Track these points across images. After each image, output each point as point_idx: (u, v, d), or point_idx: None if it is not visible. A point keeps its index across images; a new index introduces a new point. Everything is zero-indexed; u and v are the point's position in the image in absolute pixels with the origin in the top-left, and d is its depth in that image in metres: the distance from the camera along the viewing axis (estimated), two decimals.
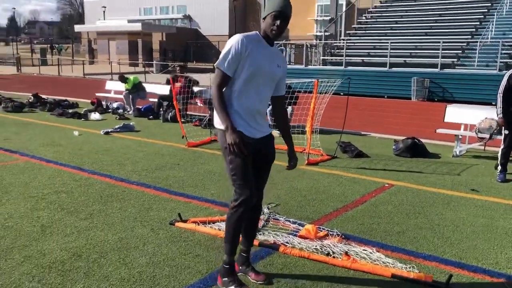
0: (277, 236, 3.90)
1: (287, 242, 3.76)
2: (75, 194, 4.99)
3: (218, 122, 2.90)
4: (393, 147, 7.61)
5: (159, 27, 46.07)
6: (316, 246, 3.71)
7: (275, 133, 9.18)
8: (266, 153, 3.07)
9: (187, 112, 10.56)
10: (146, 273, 3.21)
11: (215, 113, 2.89)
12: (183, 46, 45.88)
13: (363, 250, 3.66)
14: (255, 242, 3.67)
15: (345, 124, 7.65)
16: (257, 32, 2.96)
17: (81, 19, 75.61)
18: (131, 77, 12.42)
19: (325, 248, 3.67)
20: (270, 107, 9.58)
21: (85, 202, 4.71)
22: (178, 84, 10.65)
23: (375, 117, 12.51)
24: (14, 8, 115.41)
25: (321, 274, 3.29)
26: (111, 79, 20.75)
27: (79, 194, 4.99)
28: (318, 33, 47.06)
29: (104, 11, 57.45)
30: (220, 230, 3.99)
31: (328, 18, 41.19)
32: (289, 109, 9.50)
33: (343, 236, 3.92)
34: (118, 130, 9.01)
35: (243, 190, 2.87)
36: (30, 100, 12.45)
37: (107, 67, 29.51)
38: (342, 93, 16.83)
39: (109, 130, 8.89)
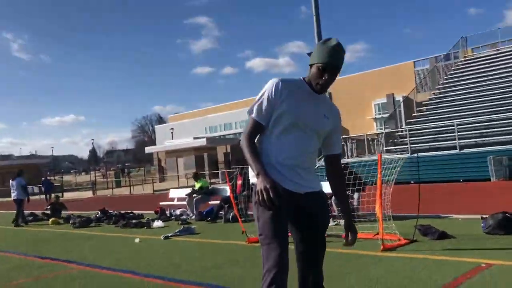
0: None
1: None
2: None
3: (252, 175, 2.40)
4: (482, 224, 6.59)
5: (222, 141, 47.97)
6: None
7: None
8: (315, 213, 2.43)
9: (248, 212, 10.11)
10: None
11: (249, 169, 2.42)
12: None
13: None
14: None
15: (422, 209, 6.75)
16: (302, 78, 2.50)
17: (153, 143, 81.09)
18: (203, 179, 12.63)
19: None
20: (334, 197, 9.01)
21: None
22: (239, 182, 10.43)
23: (454, 199, 11.36)
24: (93, 139, 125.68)
25: None
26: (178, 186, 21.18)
27: None
28: (379, 131, 46.78)
29: (172, 132, 61.39)
30: None
31: (386, 115, 41.11)
32: (356, 195, 8.82)
33: None
34: (178, 234, 8.68)
35: (271, 253, 2.21)
36: (97, 216, 12.66)
37: (175, 182, 30.56)
38: (412, 181, 15.86)
39: (169, 235, 8.58)
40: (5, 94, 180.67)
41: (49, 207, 14.86)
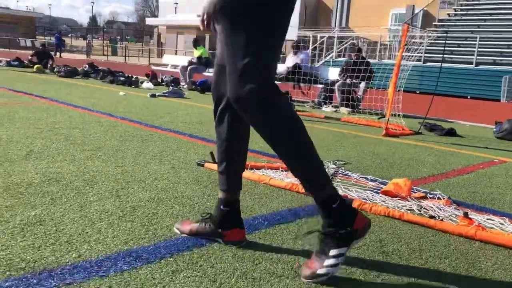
0: (349, 190, 2.62)
1: (364, 199, 2.48)
2: (91, 131, 3.98)
3: None
4: (494, 129, 6.04)
5: None
6: (410, 206, 2.39)
7: (344, 110, 7.88)
8: None
9: None
10: (144, 209, 2.06)
11: None
12: None
13: (488, 219, 2.29)
14: None
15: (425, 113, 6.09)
16: None
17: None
18: (203, 47, 11.75)
19: (425, 210, 2.35)
20: (340, 81, 8.29)
21: (99, 138, 3.68)
22: None
23: (461, 112, 10.76)
24: (93, 2, 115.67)
25: (426, 241, 1.98)
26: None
27: (96, 131, 3.98)
28: (391, 43, 44.73)
29: (175, 7, 58.32)
30: (265, 175, 2.78)
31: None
32: (362, 84, 8.13)
33: (451, 200, 2.56)
34: (166, 95, 8.08)
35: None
36: (84, 69, 11.94)
37: (173, 58, 29.45)
38: (417, 91, 15.18)
39: (157, 94, 7.98)
40: None
41: (34, 55, 13.96)
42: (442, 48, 17.82)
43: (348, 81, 8.10)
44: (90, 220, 1.88)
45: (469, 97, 14.96)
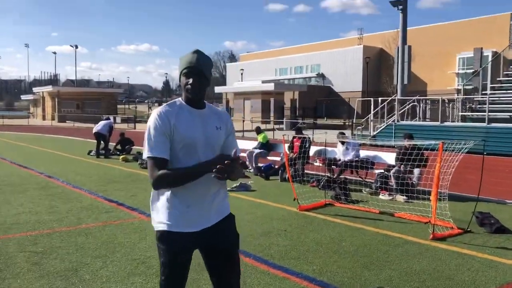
0: None
1: None
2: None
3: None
4: None
5: (290, 86, 47.74)
6: None
7: (400, 198, 8.34)
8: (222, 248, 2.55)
9: (305, 172, 10.28)
10: None
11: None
12: (314, 104, 46.56)
13: None
14: None
15: (486, 190, 6.51)
16: (180, 98, 2.49)
17: (224, 80, 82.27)
18: (264, 133, 12.84)
19: None
20: (395, 168, 8.82)
21: None
22: (296, 144, 10.56)
23: None
24: (166, 73, 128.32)
25: None
26: (242, 136, 21.69)
27: None
28: (459, 87, 43.93)
29: (241, 73, 61.81)
30: None
31: (471, 70, 38.33)
32: (416, 171, 8.60)
33: None
34: (234, 189, 9.03)
35: None
36: None
37: (241, 124, 31.16)
38: (485, 153, 15.05)
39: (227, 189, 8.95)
40: (85, 21, 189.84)
41: (118, 143, 15.93)
42: (508, 107, 17.61)
43: (402, 168, 8.61)
44: None
45: None
